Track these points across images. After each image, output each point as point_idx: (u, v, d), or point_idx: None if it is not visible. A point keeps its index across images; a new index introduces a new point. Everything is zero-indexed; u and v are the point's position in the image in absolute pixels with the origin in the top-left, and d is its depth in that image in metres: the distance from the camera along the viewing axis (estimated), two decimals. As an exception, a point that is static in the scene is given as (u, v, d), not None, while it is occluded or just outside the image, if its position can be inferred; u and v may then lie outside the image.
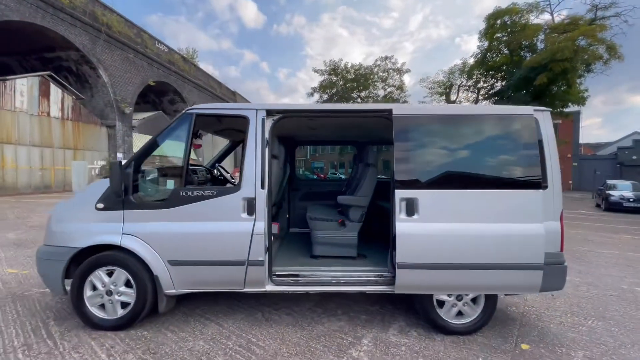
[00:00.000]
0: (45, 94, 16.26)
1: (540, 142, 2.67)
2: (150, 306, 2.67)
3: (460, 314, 2.73)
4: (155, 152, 2.81)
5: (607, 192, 14.28)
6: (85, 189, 3.11)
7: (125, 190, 2.62)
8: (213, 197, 2.65)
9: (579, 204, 17.37)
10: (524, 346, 2.58)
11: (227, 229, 2.62)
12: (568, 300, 3.60)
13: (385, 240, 3.36)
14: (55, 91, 16.83)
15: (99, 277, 2.65)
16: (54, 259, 2.67)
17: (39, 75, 15.95)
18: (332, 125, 3.81)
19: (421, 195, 2.58)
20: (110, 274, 2.66)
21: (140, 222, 2.65)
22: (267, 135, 2.71)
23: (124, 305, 2.67)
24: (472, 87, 25.72)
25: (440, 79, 27.15)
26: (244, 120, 2.74)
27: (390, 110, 2.70)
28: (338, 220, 3.44)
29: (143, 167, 2.83)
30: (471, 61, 23.61)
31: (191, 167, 3.63)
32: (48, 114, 16.49)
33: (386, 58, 29.85)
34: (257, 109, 2.74)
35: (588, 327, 2.96)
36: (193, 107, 2.76)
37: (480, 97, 25.29)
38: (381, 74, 30.24)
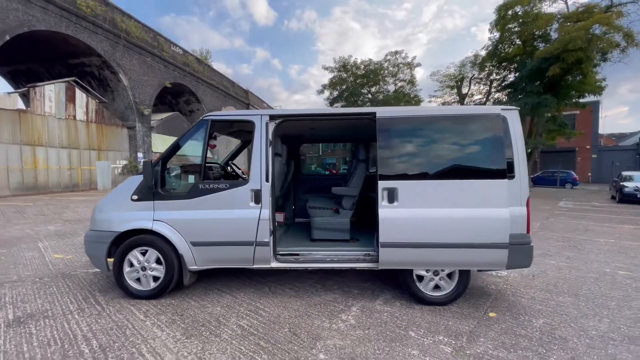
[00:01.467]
0: (71, 98, 17.34)
1: (508, 137, 3.05)
2: (176, 280, 3.23)
3: (437, 287, 3.16)
4: (178, 152, 3.34)
5: (621, 183, 14.10)
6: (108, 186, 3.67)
7: (155, 184, 3.18)
8: (226, 189, 3.17)
9: (594, 196, 17.14)
10: (491, 314, 2.99)
11: (238, 216, 3.14)
12: (547, 280, 3.95)
13: (374, 226, 3.81)
14: (80, 96, 17.91)
15: (135, 256, 3.23)
16: (99, 242, 3.27)
17: (65, 81, 17.03)
18: (330, 127, 4.27)
19: (400, 185, 3.01)
20: (144, 253, 3.23)
21: (167, 210, 3.21)
22: (270, 136, 3.20)
23: (155, 279, 3.24)
24: (484, 80, 25.44)
25: (452, 72, 26.96)
26: (251, 125, 3.24)
27: (374, 113, 3.13)
28: (333, 208, 3.92)
29: (169, 165, 3.37)
30: (483, 53, 23.37)
31: (208, 165, 4.18)
32: (74, 117, 17.59)
33: (396, 52, 29.88)
34: (261, 115, 3.23)
35: (557, 301, 3.32)
36: (209, 114, 3.28)
37: (493, 90, 25.02)
38: (391, 68, 30.27)
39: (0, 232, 6.48)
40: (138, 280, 3.26)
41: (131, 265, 3.24)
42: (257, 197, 3.14)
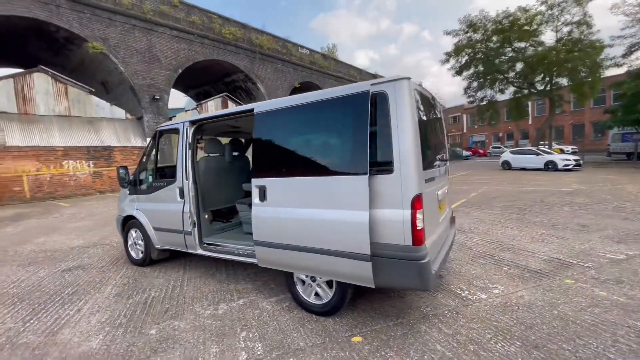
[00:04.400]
0: (225, 109, 22.68)
1: (386, 120, 2.36)
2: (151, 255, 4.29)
3: (318, 294, 2.84)
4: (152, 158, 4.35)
5: None
6: None
7: (134, 182, 4.30)
8: (165, 186, 3.92)
9: None
10: (356, 338, 2.47)
11: (171, 209, 3.83)
12: (527, 317, 2.68)
13: None
14: (231, 106, 23.10)
15: (132, 234, 4.49)
16: (118, 222, 4.72)
17: (220, 97, 22.38)
18: None
19: (268, 183, 2.88)
20: (136, 232, 4.45)
21: (141, 202, 4.29)
22: (190, 139, 3.68)
23: (142, 252, 4.41)
24: None
25: (656, -5, 17.83)
26: (178, 131, 3.81)
27: (252, 109, 3.06)
28: (247, 203, 3.98)
29: (147, 167, 4.43)
30: None
31: None
32: (227, 123, 22.97)
33: (556, -11, 22.37)
34: (183, 122, 3.75)
35: (478, 347, 2.31)
36: (160, 125, 4.10)
37: None
38: (549, 12, 22.99)
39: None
40: (135, 251, 4.52)
41: (130, 240, 4.52)
42: (181, 193, 3.72)
